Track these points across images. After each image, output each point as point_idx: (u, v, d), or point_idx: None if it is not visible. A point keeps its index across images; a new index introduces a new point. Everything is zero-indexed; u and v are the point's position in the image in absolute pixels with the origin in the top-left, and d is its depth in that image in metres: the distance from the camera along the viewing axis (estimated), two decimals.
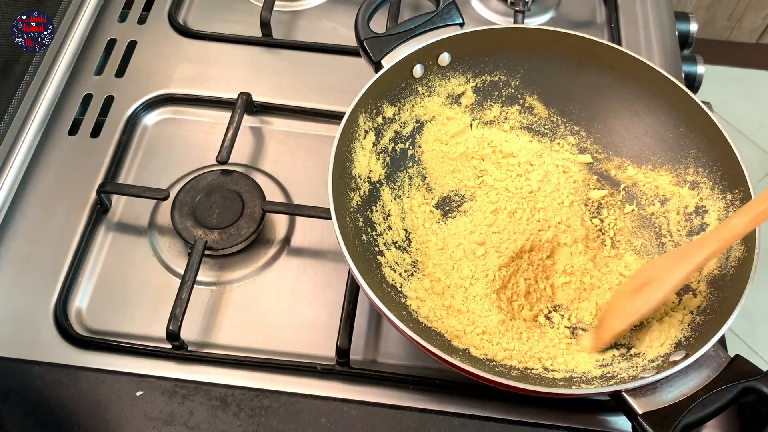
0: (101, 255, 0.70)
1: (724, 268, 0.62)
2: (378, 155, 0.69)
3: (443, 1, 0.70)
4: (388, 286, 0.63)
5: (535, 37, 0.71)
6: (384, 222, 0.68)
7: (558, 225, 0.70)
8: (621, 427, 0.62)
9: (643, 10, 0.90)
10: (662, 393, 0.54)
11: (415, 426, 0.60)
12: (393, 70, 0.67)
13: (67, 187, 0.74)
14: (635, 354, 0.61)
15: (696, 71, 0.88)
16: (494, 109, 0.75)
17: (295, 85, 0.82)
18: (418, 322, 0.62)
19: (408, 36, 0.68)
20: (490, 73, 0.73)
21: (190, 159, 0.77)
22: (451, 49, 0.70)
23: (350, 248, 0.58)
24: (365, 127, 0.67)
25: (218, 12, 0.89)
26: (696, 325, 0.60)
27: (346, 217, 0.63)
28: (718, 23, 1.81)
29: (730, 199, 0.64)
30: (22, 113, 0.78)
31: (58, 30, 0.83)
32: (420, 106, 0.72)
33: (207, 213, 0.70)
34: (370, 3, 0.70)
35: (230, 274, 0.70)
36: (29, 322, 0.66)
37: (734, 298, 0.57)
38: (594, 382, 0.58)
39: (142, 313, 0.67)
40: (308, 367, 0.64)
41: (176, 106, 0.81)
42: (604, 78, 0.71)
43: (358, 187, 0.66)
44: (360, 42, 0.68)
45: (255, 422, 0.60)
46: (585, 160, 0.74)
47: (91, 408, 0.60)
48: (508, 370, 0.60)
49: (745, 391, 0.54)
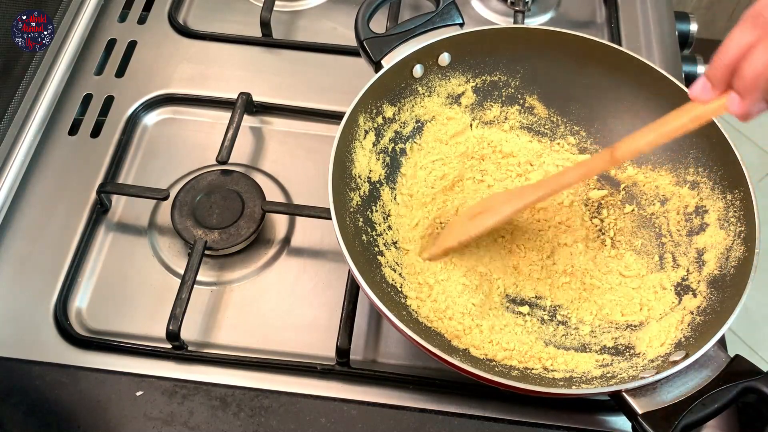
0: (101, 255, 0.70)
1: (724, 268, 0.62)
2: (378, 155, 0.69)
3: (443, 1, 0.70)
4: (388, 286, 0.63)
5: (535, 37, 0.71)
6: (384, 222, 0.68)
7: (558, 225, 0.70)
8: (621, 427, 0.62)
9: (643, 10, 0.90)
10: (662, 393, 0.54)
11: (415, 426, 0.60)
12: (393, 70, 0.67)
13: (67, 187, 0.74)
14: (635, 354, 0.61)
15: (696, 71, 0.87)
16: (494, 109, 0.75)
17: (295, 85, 0.82)
18: (418, 322, 0.62)
19: (408, 36, 0.68)
20: (490, 73, 0.73)
21: (190, 159, 0.77)
22: (451, 49, 0.70)
23: (350, 248, 0.58)
24: (365, 127, 0.67)
25: (218, 12, 0.89)
26: (696, 325, 0.60)
27: (346, 217, 0.63)
28: (718, 23, 1.81)
29: (730, 199, 0.64)
30: (22, 113, 0.78)
31: (58, 30, 0.83)
32: (420, 106, 0.72)
33: (207, 213, 0.70)
34: (370, 3, 0.70)
35: (230, 274, 0.70)
36: (29, 322, 0.66)
37: (734, 298, 0.57)
38: (594, 382, 0.58)
39: (142, 313, 0.67)
40: (308, 367, 0.64)
41: (176, 106, 0.81)
42: (604, 78, 0.71)
43: (358, 187, 0.66)
44: (360, 42, 0.68)
45: (255, 422, 0.60)
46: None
47: (91, 408, 0.60)
48: (508, 370, 0.60)
49: (745, 391, 0.54)
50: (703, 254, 0.64)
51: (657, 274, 0.66)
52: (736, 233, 0.62)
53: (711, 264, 0.63)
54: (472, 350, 0.61)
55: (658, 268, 0.67)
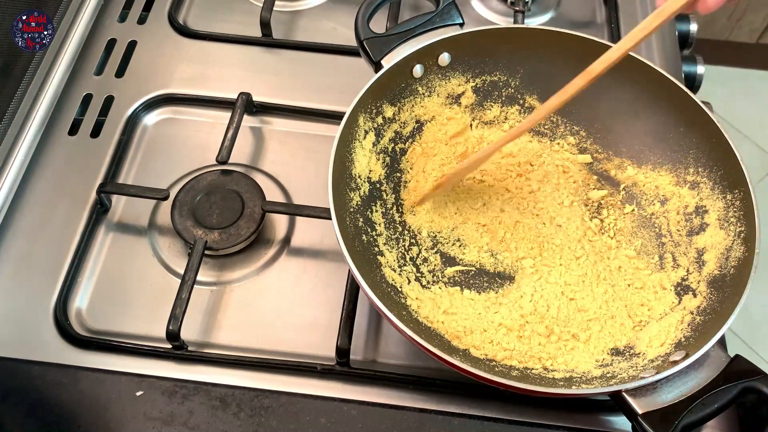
0: (101, 255, 0.70)
1: (724, 268, 0.62)
2: (378, 155, 0.69)
3: (443, 1, 0.70)
4: (388, 286, 0.63)
5: (535, 37, 0.71)
6: (383, 221, 0.68)
7: (559, 227, 0.70)
8: (621, 427, 0.62)
9: (643, 10, 0.90)
10: (662, 393, 0.54)
11: (415, 426, 0.60)
12: (393, 70, 0.67)
13: (67, 187, 0.74)
14: (635, 354, 0.61)
15: (696, 71, 0.87)
16: (494, 109, 0.75)
17: (295, 85, 0.82)
18: (418, 323, 0.62)
19: (408, 36, 0.68)
20: (490, 73, 0.73)
21: (190, 159, 0.77)
22: (451, 49, 0.70)
23: (350, 248, 0.58)
24: (365, 127, 0.67)
25: (218, 12, 0.89)
26: (696, 325, 0.60)
27: (346, 218, 0.63)
28: (718, 23, 1.81)
29: (730, 199, 0.64)
30: (22, 113, 0.78)
31: (58, 30, 0.83)
32: (420, 106, 0.72)
33: (207, 213, 0.70)
34: (370, 3, 0.70)
35: (230, 274, 0.70)
36: (29, 322, 0.66)
37: (734, 298, 0.57)
38: (594, 382, 0.58)
39: (142, 313, 0.67)
40: (308, 367, 0.64)
41: (176, 106, 0.81)
42: (603, 78, 0.70)
43: (358, 187, 0.66)
44: (360, 42, 0.68)
45: (255, 422, 0.60)
46: (585, 160, 0.74)
47: (91, 408, 0.60)
48: (508, 370, 0.60)
49: (745, 391, 0.54)
50: (703, 254, 0.64)
51: (657, 274, 0.66)
52: (736, 233, 0.62)
53: (711, 264, 0.63)
54: (472, 350, 0.61)
55: (658, 268, 0.67)
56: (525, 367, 0.61)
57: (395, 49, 0.68)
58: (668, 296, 0.64)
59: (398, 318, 0.55)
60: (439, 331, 0.62)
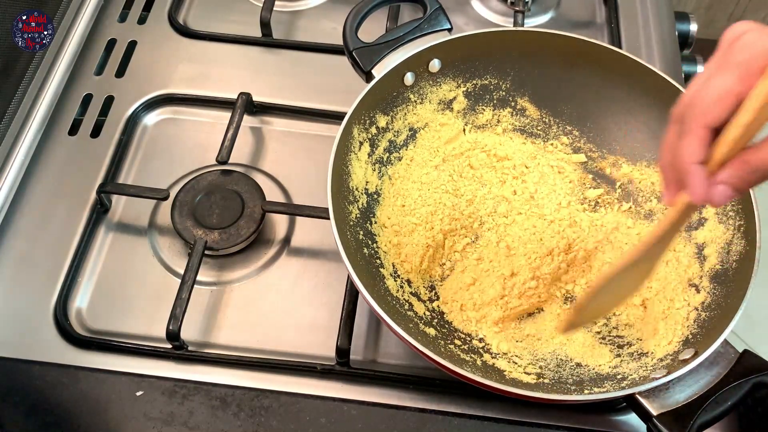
0: (101, 255, 0.70)
1: (725, 262, 0.62)
2: (374, 166, 0.69)
3: (431, 7, 0.69)
4: (393, 299, 0.63)
5: (524, 39, 0.70)
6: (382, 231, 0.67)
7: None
8: (621, 427, 0.62)
9: (643, 10, 0.90)
10: (675, 392, 0.54)
11: (415, 426, 0.60)
12: (384, 80, 0.67)
13: (67, 187, 0.74)
14: (643, 353, 0.60)
15: (696, 71, 0.87)
16: (486, 112, 0.74)
17: (295, 85, 0.82)
18: (426, 335, 0.61)
19: (397, 44, 0.67)
20: (481, 77, 0.73)
21: (190, 159, 0.77)
22: (440, 55, 0.69)
23: (354, 264, 0.57)
24: (360, 139, 0.67)
25: (218, 12, 0.89)
26: (702, 321, 0.60)
27: (347, 232, 0.62)
28: (718, 23, 1.81)
29: None
30: (22, 113, 0.78)
31: (58, 30, 0.83)
32: (412, 113, 0.72)
33: (207, 213, 0.70)
34: (357, 12, 0.69)
35: (230, 274, 0.70)
36: (29, 322, 0.66)
37: (738, 292, 0.57)
38: (605, 384, 0.57)
39: (142, 313, 0.67)
40: (308, 367, 0.64)
41: (176, 106, 0.81)
42: (594, 77, 0.71)
43: (356, 199, 0.66)
44: (349, 52, 0.67)
45: (255, 422, 0.60)
46: (579, 160, 0.74)
47: (91, 408, 0.60)
48: (518, 376, 0.60)
49: (757, 386, 0.53)
50: (704, 249, 0.64)
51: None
52: (736, 227, 0.62)
53: (712, 259, 0.63)
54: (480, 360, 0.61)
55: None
56: (536, 358, 0.60)
57: (385, 58, 0.67)
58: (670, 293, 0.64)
59: (405, 331, 0.53)
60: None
